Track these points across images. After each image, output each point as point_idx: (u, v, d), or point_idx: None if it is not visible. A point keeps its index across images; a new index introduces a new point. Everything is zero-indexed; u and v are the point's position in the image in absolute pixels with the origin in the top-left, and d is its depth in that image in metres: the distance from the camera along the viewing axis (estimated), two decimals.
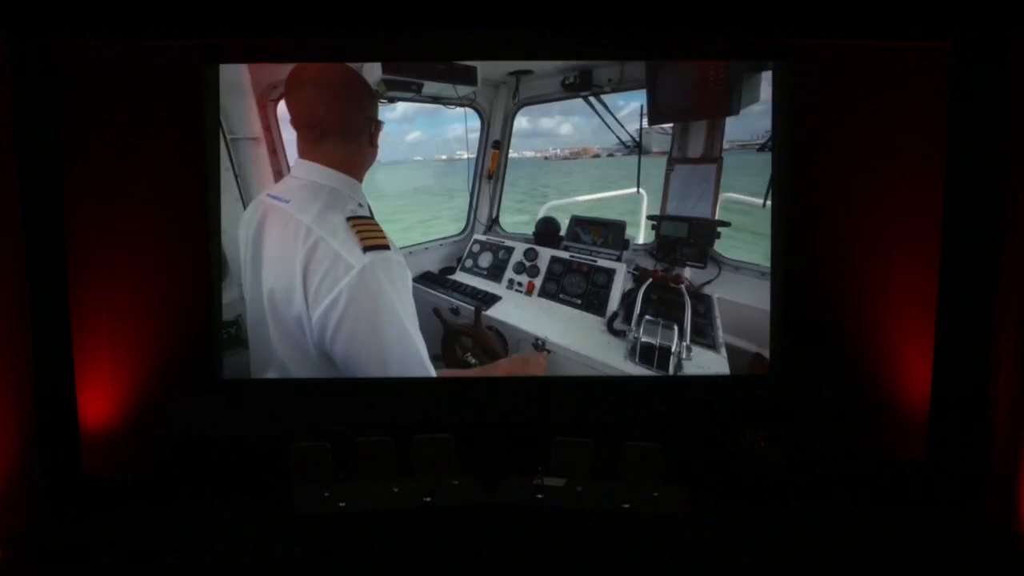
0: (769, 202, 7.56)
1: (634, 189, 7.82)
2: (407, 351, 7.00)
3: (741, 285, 7.61)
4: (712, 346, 7.57)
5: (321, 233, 6.68)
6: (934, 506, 7.22)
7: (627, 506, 6.28)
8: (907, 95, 7.31)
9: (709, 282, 7.60)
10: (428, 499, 6.36)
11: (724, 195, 7.63)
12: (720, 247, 7.62)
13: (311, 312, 6.72)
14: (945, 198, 7.18)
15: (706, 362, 7.55)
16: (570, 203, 7.95)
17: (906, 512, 7.16)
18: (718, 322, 7.58)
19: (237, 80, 7.37)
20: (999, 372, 6.99)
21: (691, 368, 7.55)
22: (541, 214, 7.95)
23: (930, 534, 6.83)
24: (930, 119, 7.22)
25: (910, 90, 7.30)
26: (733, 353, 7.58)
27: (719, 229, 7.62)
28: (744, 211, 7.68)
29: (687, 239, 7.65)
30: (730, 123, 7.60)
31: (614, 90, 7.66)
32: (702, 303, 7.60)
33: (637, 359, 7.55)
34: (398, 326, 6.88)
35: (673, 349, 7.50)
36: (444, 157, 7.94)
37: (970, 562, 6.45)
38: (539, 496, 6.42)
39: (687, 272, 7.66)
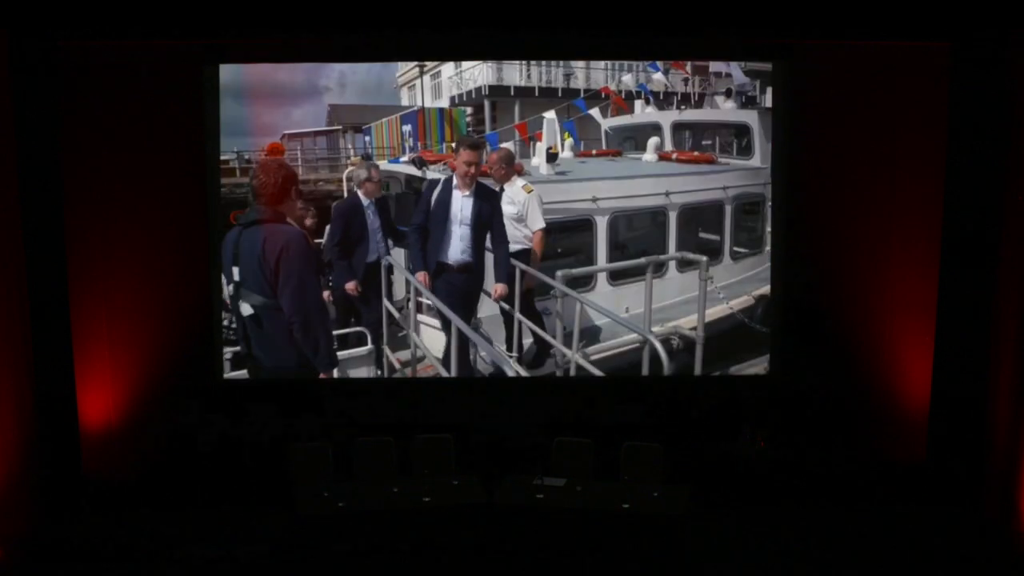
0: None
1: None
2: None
3: None
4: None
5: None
6: (934, 506, 7.20)
7: (627, 506, 6.29)
8: (907, 95, 7.30)
9: None
10: (428, 499, 6.37)
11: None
12: None
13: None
14: (945, 198, 7.17)
15: None
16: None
17: (906, 512, 7.15)
18: None
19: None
20: (999, 372, 6.99)
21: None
22: None
23: (930, 534, 6.81)
24: (930, 119, 7.21)
25: (910, 90, 7.29)
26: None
27: None
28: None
29: None
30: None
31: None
32: None
33: None
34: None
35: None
36: None
37: (970, 562, 6.44)
38: (539, 496, 6.43)
39: None
